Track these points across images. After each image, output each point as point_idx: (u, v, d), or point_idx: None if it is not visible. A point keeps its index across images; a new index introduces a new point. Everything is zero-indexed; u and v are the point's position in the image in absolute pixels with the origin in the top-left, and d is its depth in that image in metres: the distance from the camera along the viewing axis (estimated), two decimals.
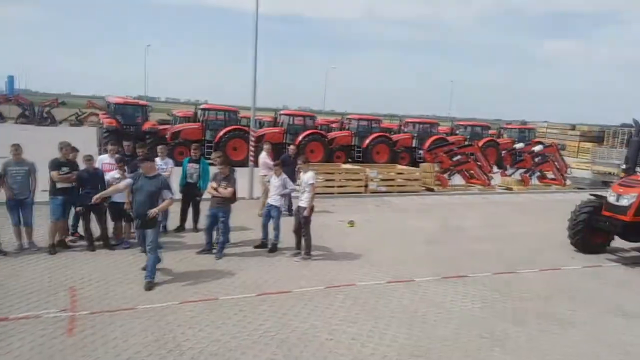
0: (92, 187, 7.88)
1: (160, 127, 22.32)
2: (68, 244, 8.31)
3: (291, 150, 12.14)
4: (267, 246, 8.95)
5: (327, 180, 15.19)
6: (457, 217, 13.15)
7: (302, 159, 9.07)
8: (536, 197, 17.78)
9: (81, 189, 8.04)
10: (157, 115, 35.26)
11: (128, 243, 8.53)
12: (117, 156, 8.83)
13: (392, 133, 26.68)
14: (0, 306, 5.90)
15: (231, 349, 5.21)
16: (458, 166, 18.58)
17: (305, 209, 8.40)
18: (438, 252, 9.52)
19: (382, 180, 16.17)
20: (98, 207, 8.09)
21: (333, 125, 29.57)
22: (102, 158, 9.06)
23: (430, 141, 24.60)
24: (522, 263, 9.02)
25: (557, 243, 10.29)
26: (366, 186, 15.80)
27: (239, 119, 23.92)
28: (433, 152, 18.68)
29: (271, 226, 8.93)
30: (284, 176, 9.15)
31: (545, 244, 10.47)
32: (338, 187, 15.42)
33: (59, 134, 29.09)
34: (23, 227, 8.01)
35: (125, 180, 7.32)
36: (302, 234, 8.54)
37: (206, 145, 21.27)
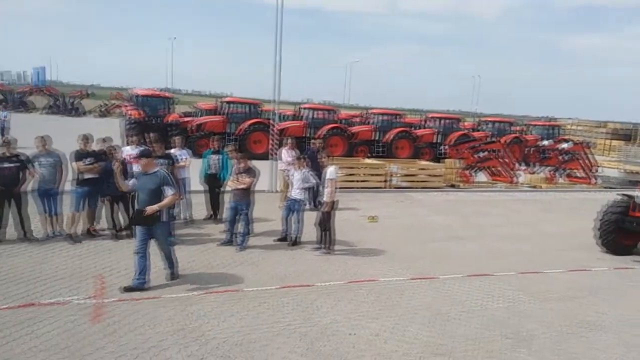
0: None
1: (183, 120, 22.56)
2: (93, 233, 8.46)
3: (316, 144, 12.05)
4: (288, 240, 8.98)
5: (349, 175, 15.14)
6: (481, 215, 12.98)
7: (324, 154, 9.06)
8: (562, 196, 17.41)
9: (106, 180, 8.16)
10: (182, 107, 35.63)
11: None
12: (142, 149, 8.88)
13: (415, 128, 26.44)
14: (29, 292, 6.04)
15: (254, 340, 5.24)
16: (482, 163, 18.32)
17: (326, 204, 8.40)
18: (461, 250, 9.41)
19: (404, 175, 16.05)
20: (124, 198, 8.22)
21: (355, 119, 29.45)
22: (126, 149, 9.19)
23: (453, 137, 24.30)
24: (548, 263, 8.84)
25: (584, 243, 10.05)
26: (388, 181, 15.70)
27: (261, 112, 24.03)
28: (456, 148, 18.47)
29: (293, 220, 8.95)
30: (306, 170, 9.15)
31: (571, 244, 10.25)
32: (359, 182, 15.37)
33: (86, 125, 29.67)
34: (50, 216, 8.18)
35: (130, 181, 6.90)
36: (324, 229, 8.53)
37: (228, 138, 21.42)
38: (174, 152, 9.74)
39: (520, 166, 20.00)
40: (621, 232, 9.58)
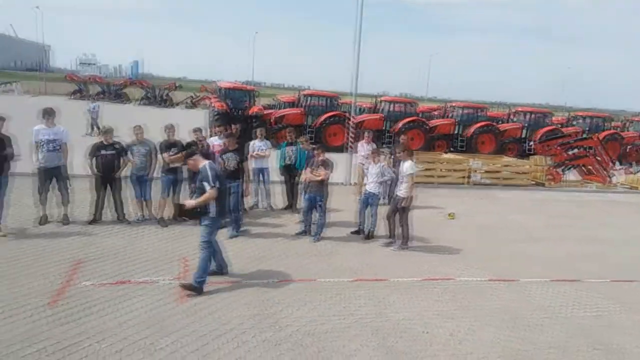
0: None
1: (265, 112, 23.22)
2: (178, 219, 8.95)
3: (402, 140, 11.73)
4: (363, 233, 8.98)
5: (427, 169, 14.79)
6: (568, 216, 12.17)
7: (402, 148, 8.93)
8: None
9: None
10: (263, 100, 36.71)
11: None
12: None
13: (499, 122, 25.25)
14: (122, 270, 6.55)
15: (326, 331, 5.31)
16: (574, 160, 17.12)
17: (403, 200, 8.28)
18: (545, 252, 8.88)
19: (487, 172, 15.40)
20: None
21: (435, 112, 28.68)
22: (212, 140, 9.58)
23: (542, 132, 22.92)
24: None
25: None
26: (468, 177, 15.16)
27: (339, 105, 24.13)
28: (545, 144, 17.42)
29: (368, 213, 8.92)
30: (383, 163, 9.09)
31: None
32: (438, 178, 14.98)
33: (175, 115, 31.49)
34: (142, 201, 8.80)
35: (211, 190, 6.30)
36: (400, 224, 8.43)
37: (306, 130, 21.75)
38: (257, 143, 10.09)
39: (616, 165, 18.45)
40: None
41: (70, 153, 8.35)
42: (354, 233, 9.04)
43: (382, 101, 25.21)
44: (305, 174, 8.89)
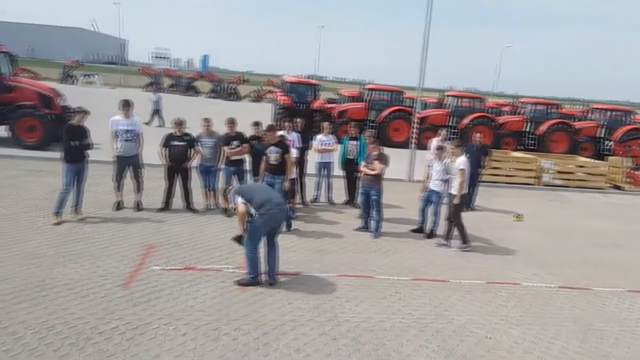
0: None
1: (327, 106, 23.30)
2: None
3: (477, 138, 11.18)
4: (424, 231, 8.81)
5: (494, 168, 14.25)
6: None
7: (455, 143, 8.65)
8: None
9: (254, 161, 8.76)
10: (326, 94, 36.86)
11: (294, 215, 9.11)
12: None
13: (574, 120, 23.83)
14: (189, 257, 6.83)
15: (385, 329, 5.27)
16: None
17: (454, 197, 8.06)
18: (622, 260, 8.32)
19: (558, 172, 14.62)
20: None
21: (504, 108, 27.53)
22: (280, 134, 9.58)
23: (622, 131, 21.37)
24: None
25: None
26: (538, 177, 14.46)
27: (403, 100, 23.74)
28: (625, 145, 16.26)
29: (430, 211, 8.74)
30: (447, 161, 8.83)
31: None
32: (505, 177, 14.40)
33: (241, 109, 32.35)
34: (209, 191, 9.12)
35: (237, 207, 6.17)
36: (453, 223, 8.23)
37: (368, 125, 21.61)
38: (321, 137, 10.14)
39: None
40: None
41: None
42: (415, 231, 8.89)
43: (448, 96, 24.54)
44: (361, 167, 8.81)
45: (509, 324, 5.65)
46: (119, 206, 8.63)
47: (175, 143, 8.62)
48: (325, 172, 10.36)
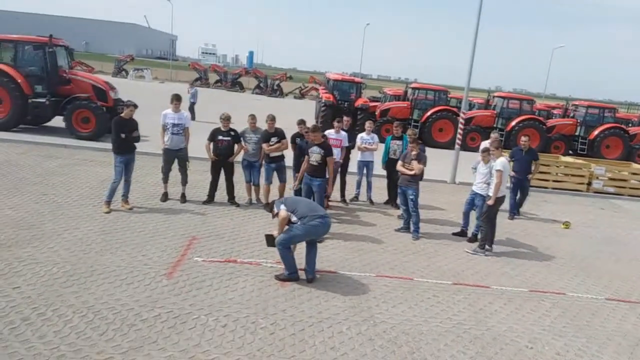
0: None
1: (371, 104, 23.15)
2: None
3: (524, 142, 10.62)
4: (467, 235, 8.63)
5: (542, 172, 13.74)
6: None
7: (495, 144, 8.39)
8: None
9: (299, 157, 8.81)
10: (369, 92, 36.67)
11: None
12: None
13: (630, 125, 22.71)
14: (230, 249, 6.97)
15: (422, 332, 5.21)
16: None
17: (490, 198, 7.86)
18: None
19: (611, 179, 13.96)
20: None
21: (554, 111, 26.57)
22: (329, 133, 9.37)
23: None
24: None
25: None
26: (589, 184, 13.86)
27: (449, 100, 23.30)
28: None
29: (474, 215, 8.55)
30: (493, 164, 8.60)
31: None
32: (554, 182, 13.88)
33: (285, 105, 32.68)
34: (251, 186, 9.26)
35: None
36: (477, 224, 8.03)
37: (412, 124, 21.36)
38: (364, 136, 10.08)
39: None
40: None
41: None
42: (457, 234, 8.73)
43: (496, 97, 23.89)
44: (398, 165, 8.68)
45: (552, 335, 5.45)
46: (166, 197, 8.91)
47: (221, 138, 8.80)
48: (365, 171, 10.31)
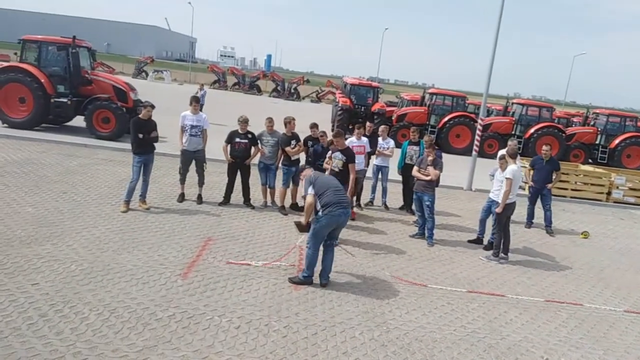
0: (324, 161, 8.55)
1: (387, 109, 23.10)
2: (302, 207, 9.31)
3: (545, 151, 10.31)
4: (483, 242, 8.55)
5: (561, 181, 13.53)
6: None
7: (510, 152, 8.25)
8: None
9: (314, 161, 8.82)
10: (386, 97, 36.59)
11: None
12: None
13: None
14: (245, 251, 7.00)
15: (436, 340, 5.16)
16: None
17: (498, 205, 7.81)
18: None
19: (631, 189, 13.70)
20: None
21: (574, 119, 26.22)
22: (351, 140, 9.25)
23: None
24: None
25: None
26: (609, 194, 13.63)
27: (467, 106, 23.13)
28: None
29: (490, 222, 8.46)
30: None
31: None
32: (572, 191, 13.68)
33: (302, 109, 32.78)
34: (267, 189, 9.30)
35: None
36: (492, 232, 7.94)
37: (429, 130, 21.24)
38: (379, 141, 10.07)
39: None
40: None
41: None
42: (472, 242, 8.65)
43: (514, 103, 23.66)
44: (413, 171, 8.63)
45: (568, 346, 5.37)
46: (182, 198, 8.99)
47: (238, 140, 8.86)
48: (380, 176, 10.29)
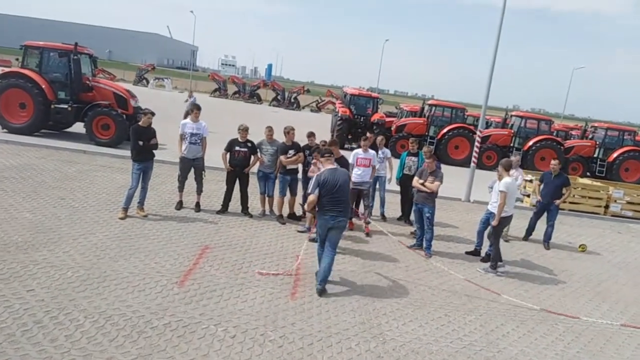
0: None
1: (387, 119, 23.18)
2: (299, 216, 9.32)
3: (552, 165, 10.10)
4: (480, 254, 8.54)
5: None
6: None
7: (504, 164, 8.23)
8: None
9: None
10: (386, 107, 36.73)
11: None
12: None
13: None
14: (242, 260, 6.98)
15: (432, 352, 5.14)
16: None
17: (493, 218, 7.84)
18: None
19: (629, 203, 13.73)
20: None
21: (572, 132, 26.34)
22: (357, 153, 9.25)
23: None
24: None
25: None
26: (607, 207, 13.65)
27: (466, 118, 23.24)
28: None
29: (487, 234, 8.46)
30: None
31: None
32: (570, 204, 13.68)
33: (301, 118, 32.86)
34: (265, 197, 9.29)
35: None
36: (490, 244, 7.98)
37: (428, 141, 21.31)
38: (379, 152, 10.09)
39: None
40: None
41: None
42: (470, 253, 8.64)
43: (513, 116, 23.77)
44: (413, 181, 8.64)
45: None
46: (180, 206, 8.99)
47: (238, 148, 8.88)
48: (378, 186, 10.29)
